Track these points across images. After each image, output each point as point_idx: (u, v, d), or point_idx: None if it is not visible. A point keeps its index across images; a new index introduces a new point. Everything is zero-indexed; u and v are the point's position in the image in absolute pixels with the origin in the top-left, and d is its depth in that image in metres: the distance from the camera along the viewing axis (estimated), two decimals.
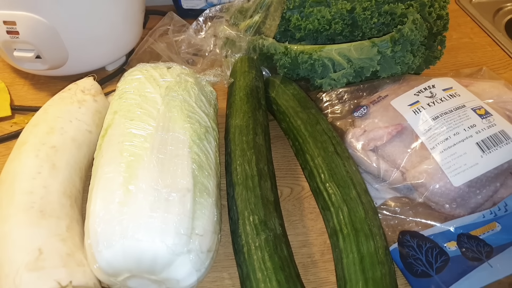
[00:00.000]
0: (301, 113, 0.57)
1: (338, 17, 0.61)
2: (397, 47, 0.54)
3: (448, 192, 0.47)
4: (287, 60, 0.61)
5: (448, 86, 0.53)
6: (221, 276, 0.47)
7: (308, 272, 0.47)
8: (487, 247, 0.45)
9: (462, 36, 0.85)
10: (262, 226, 0.44)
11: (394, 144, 0.52)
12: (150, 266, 0.37)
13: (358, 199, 0.46)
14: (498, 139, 0.46)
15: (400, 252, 0.47)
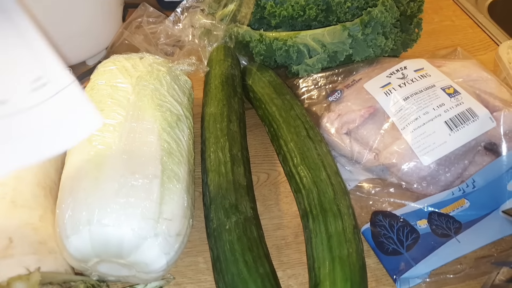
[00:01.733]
0: (276, 100, 0.57)
1: (312, 2, 0.61)
2: (368, 29, 0.54)
3: (418, 171, 0.48)
4: (262, 47, 0.61)
5: (419, 67, 0.53)
6: (196, 260, 0.48)
7: (281, 254, 0.48)
8: (456, 224, 0.46)
9: (443, 19, 0.84)
10: (233, 209, 0.44)
11: (366, 127, 0.52)
12: (117, 250, 0.38)
13: (328, 180, 0.46)
14: (465, 117, 0.46)
15: (372, 232, 0.47)
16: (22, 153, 0.35)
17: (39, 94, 0.38)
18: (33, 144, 0.36)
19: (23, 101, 0.38)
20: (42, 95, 0.38)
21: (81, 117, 0.37)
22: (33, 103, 0.38)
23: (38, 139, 0.36)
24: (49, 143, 0.36)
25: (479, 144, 0.47)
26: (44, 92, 0.38)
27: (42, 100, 0.38)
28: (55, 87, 0.38)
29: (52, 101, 0.38)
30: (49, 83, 0.38)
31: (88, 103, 0.38)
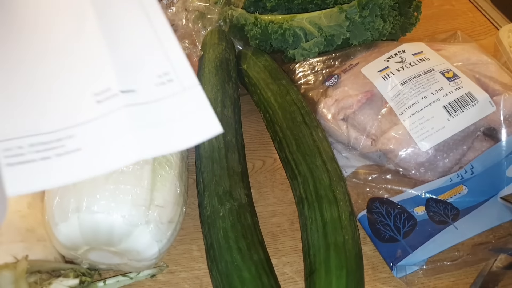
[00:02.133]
0: (272, 85, 0.56)
1: None
2: (365, 11, 0.53)
3: (416, 157, 0.47)
4: (257, 31, 0.60)
5: (418, 51, 0.52)
6: (190, 248, 0.47)
7: (277, 241, 0.47)
8: (454, 210, 0.45)
9: (443, 2, 0.83)
10: (227, 196, 0.43)
11: (364, 112, 0.51)
12: (107, 238, 0.37)
13: (324, 166, 0.45)
14: (465, 101, 0.45)
15: (368, 219, 0.47)
16: (141, 144, 0.35)
17: (164, 89, 0.38)
18: (150, 138, 0.36)
19: (149, 94, 0.38)
20: (167, 91, 0.38)
21: (200, 121, 0.37)
22: (157, 97, 0.38)
23: (155, 134, 0.36)
24: (164, 140, 0.36)
25: (478, 129, 0.46)
26: (169, 89, 0.38)
27: (166, 96, 0.38)
28: (180, 86, 0.38)
29: (175, 99, 0.38)
30: (175, 80, 0.39)
31: (209, 108, 0.37)
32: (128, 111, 0.37)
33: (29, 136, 0.36)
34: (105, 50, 0.40)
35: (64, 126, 0.36)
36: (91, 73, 0.39)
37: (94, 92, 0.38)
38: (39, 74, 0.39)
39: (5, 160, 0.34)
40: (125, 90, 0.38)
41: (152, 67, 0.40)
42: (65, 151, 0.35)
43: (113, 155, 0.35)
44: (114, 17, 0.43)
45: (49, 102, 0.38)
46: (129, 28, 0.42)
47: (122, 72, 0.39)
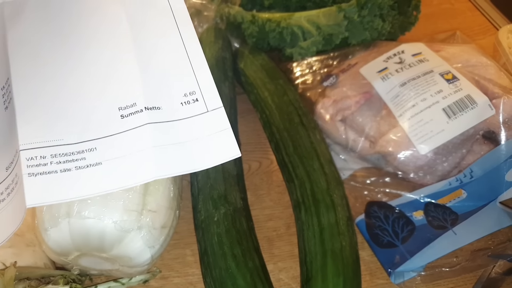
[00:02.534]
0: (269, 84, 0.55)
1: None
2: (364, 11, 0.52)
3: (415, 160, 0.46)
4: (254, 29, 0.59)
5: (417, 51, 0.51)
6: (184, 253, 0.46)
7: (273, 246, 0.46)
8: (453, 215, 0.44)
9: (442, 1, 0.82)
10: (222, 200, 0.42)
11: (362, 113, 0.50)
12: (98, 244, 0.36)
13: (321, 170, 0.44)
14: (464, 104, 0.44)
15: (366, 223, 0.46)
16: (160, 163, 0.36)
17: (188, 109, 0.39)
18: (169, 158, 0.36)
19: (173, 112, 0.39)
20: (191, 111, 0.39)
21: (220, 144, 0.38)
22: (181, 116, 0.38)
23: (175, 154, 0.37)
24: (183, 161, 0.37)
25: (477, 132, 0.45)
26: (193, 109, 0.39)
27: (189, 115, 0.39)
28: (204, 106, 0.39)
29: (198, 120, 0.38)
30: (200, 101, 0.39)
31: (230, 132, 0.38)
32: (150, 129, 0.37)
33: (53, 146, 0.36)
34: (136, 65, 0.41)
35: (87, 138, 0.37)
36: (119, 86, 0.40)
37: (120, 106, 0.39)
38: (70, 84, 0.39)
39: (27, 170, 0.35)
40: (150, 107, 0.39)
41: (180, 85, 0.40)
42: (86, 164, 0.36)
43: (132, 172, 0.36)
44: (149, 34, 0.43)
45: (76, 112, 0.38)
46: (162, 46, 0.42)
47: (150, 88, 0.40)
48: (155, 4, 0.44)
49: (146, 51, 0.42)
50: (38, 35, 0.41)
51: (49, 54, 0.41)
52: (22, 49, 0.40)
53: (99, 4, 0.44)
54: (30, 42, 0.41)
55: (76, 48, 0.41)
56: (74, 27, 0.42)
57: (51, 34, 0.42)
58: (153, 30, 0.43)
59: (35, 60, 0.40)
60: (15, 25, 0.41)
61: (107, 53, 0.41)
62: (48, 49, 0.41)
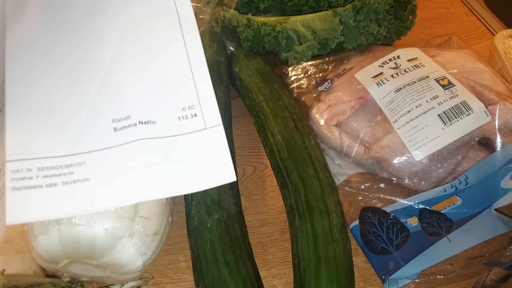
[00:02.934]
0: (264, 89, 0.55)
1: None
2: (360, 16, 0.51)
3: (410, 167, 0.46)
4: (250, 33, 0.58)
5: (413, 57, 0.51)
6: (177, 258, 0.45)
7: (266, 252, 0.46)
8: (448, 222, 0.44)
9: (438, 6, 0.82)
10: (215, 206, 0.42)
11: (357, 119, 0.50)
12: (89, 251, 0.35)
13: (316, 175, 0.44)
14: (460, 110, 0.44)
15: (360, 229, 0.46)
16: (152, 183, 0.34)
17: (185, 124, 0.37)
18: (161, 178, 0.34)
19: (169, 127, 0.37)
20: (188, 126, 0.37)
21: (216, 165, 0.36)
22: (177, 132, 0.36)
23: (167, 174, 0.35)
24: (175, 182, 0.35)
25: (473, 139, 0.45)
26: (191, 124, 0.37)
27: (186, 132, 0.37)
28: (202, 123, 0.37)
29: (195, 137, 0.36)
30: (199, 116, 0.37)
31: (227, 153, 0.36)
32: (143, 145, 0.36)
33: (40, 158, 0.34)
34: (135, 73, 0.39)
35: (77, 151, 0.35)
36: (115, 96, 0.38)
37: (113, 117, 0.37)
38: (64, 91, 0.38)
39: (11, 183, 0.33)
40: (145, 121, 0.37)
41: (179, 98, 0.38)
42: (73, 179, 0.34)
43: (120, 192, 0.34)
44: (151, 39, 0.41)
45: (68, 121, 0.36)
46: (163, 52, 0.40)
47: (147, 99, 0.38)
48: (160, 7, 0.43)
49: (147, 57, 0.40)
50: (36, 36, 0.40)
51: (45, 58, 0.39)
52: (19, 50, 0.39)
53: (102, 4, 0.42)
54: (27, 43, 0.39)
55: (74, 53, 0.40)
56: (74, 30, 0.41)
57: (50, 36, 0.40)
58: (156, 35, 0.42)
59: (30, 64, 0.38)
60: (15, 23, 0.39)
61: (106, 59, 0.39)
62: (45, 52, 0.39)
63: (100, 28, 0.41)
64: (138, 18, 0.42)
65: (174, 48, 0.41)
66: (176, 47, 0.41)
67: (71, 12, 0.42)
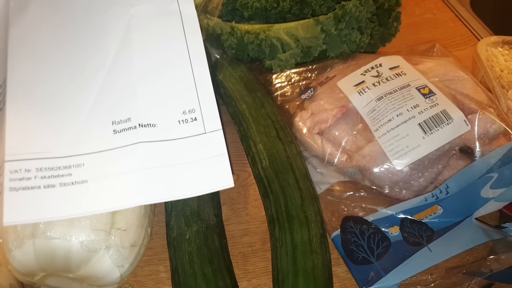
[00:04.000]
0: (247, 97, 0.55)
1: None
2: (341, 24, 0.51)
3: (391, 176, 0.45)
4: (233, 41, 0.58)
5: (395, 65, 0.51)
6: (157, 269, 0.45)
7: (247, 262, 0.46)
8: (429, 231, 0.44)
9: (425, 11, 0.82)
10: (194, 217, 0.42)
11: (339, 127, 0.50)
12: (64, 264, 0.35)
13: (296, 185, 0.44)
14: (440, 120, 0.44)
15: (342, 239, 0.45)
16: (149, 188, 0.34)
17: (185, 128, 0.37)
18: (159, 182, 0.34)
19: (169, 131, 0.36)
20: (188, 130, 0.37)
21: (214, 170, 0.35)
22: (177, 136, 0.36)
23: (165, 178, 0.35)
24: (173, 186, 0.34)
25: (453, 148, 0.45)
26: (191, 128, 0.37)
27: (185, 135, 0.37)
28: (202, 127, 0.37)
29: (194, 142, 0.36)
30: (199, 120, 0.37)
31: (226, 159, 0.36)
32: (142, 149, 0.35)
33: (40, 158, 0.34)
34: (136, 74, 0.38)
35: (76, 152, 0.35)
36: (116, 97, 0.38)
37: (114, 119, 0.37)
38: (66, 90, 0.37)
39: (9, 184, 0.33)
40: (145, 124, 0.36)
41: (179, 101, 0.38)
42: (71, 181, 0.34)
43: (117, 195, 0.34)
44: (153, 40, 0.41)
45: (68, 121, 0.36)
46: (165, 54, 0.40)
47: (148, 101, 0.38)
48: (164, 8, 0.43)
49: (149, 59, 0.40)
50: (39, 35, 0.40)
51: (47, 57, 0.39)
52: (21, 49, 0.38)
53: (105, 4, 0.42)
54: (29, 42, 0.39)
55: (76, 53, 0.40)
56: (76, 30, 0.41)
57: (52, 35, 0.40)
58: (158, 36, 0.41)
59: (32, 63, 0.38)
60: (18, 20, 0.39)
61: (107, 59, 0.39)
62: (47, 51, 0.39)
63: (103, 28, 0.41)
64: (141, 19, 0.42)
65: (176, 50, 0.41)
66: (178, 49, 0.41)
67: (74, 12, 0.42)
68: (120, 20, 0.42)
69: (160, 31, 0.42)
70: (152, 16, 0.43)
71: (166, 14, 0.43)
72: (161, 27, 0.42)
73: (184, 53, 0.41)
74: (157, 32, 0.42)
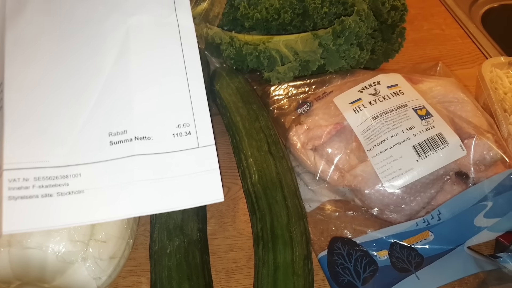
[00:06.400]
0: (242, 109, 0.54)
1: (287, 5, 0.57)
2: (340, 40, 0.50)
3: (382, 198, 0.44)
4: (232, 51, 0.58)
5: (393, 83, 0.50)
6: (139, 280, 0.44)
7: (230, 279, 0.45)
8: (418, 258, 0.43)
9: (433, 27, 0.80)
10: (177, 231, 0.41)
11: (333, 144, 0.49)
12: (39, 274, 0.35)
13: (284, 203, 0.43)
14: (435, 143, 0.43)
15: (328, 260, 0.44)
16: (144, 199, 0.35)
17: (179, 141, 0.37)
18: (153, 194, 0.35)
19: (164, 144, 0.37)
20: (182, 144, 0.37)
21: (205, 184, 0.36)
22: (171, 149, 0.37)
23: (159, 190, 0.35)
24: (166, 198, 0.35)
25: (447, 173, 0.43)
26: (185, 142, 0.37)
27: (179, 149, 0.37)
28: (196, 141, 0.38)
29: (188, 156, 0.37)
30: (193, 134, 0.38)
31: (217, 173, 0.37)
32: (137, 161, 0.36)
33: (37, 168, 0.35)
34: (133, 86, 0.39)
35: (73, 162, 0.35)
36: (112, 108, 0.38)
37: (110, 131, 0.37)
38: (62, 98, 0.38)
39: (8, 192, 0.33)
40: (141, 137, 0.37)
41: (174, 114, 0.39)
42: (68, 190, 0.34)
43: (113, 206, 0.34)
44: (150, 51, 0.41)
45: (65, 130, 0.37)
46: (162, 67, 0.41)
47: (144, 114, 0.38)
48: (162, 19, 0.43)
49: (145, 70, 0.40)
50: (36, 39, 0.40)
51: (44, 62, 0.39)
52: (18, 53, 0.39)
53: (103, 12, 0.42)
54: (26, 46, 0.39)
55: (73, 60, 0.40)
56: (74, 36, 0.41)
57: (49, 40, 0.40)
58: (156, 48, 0.42)
59: (29, 68, 0.38)
60: (15, 23, 0.39)
61: (105, 69, 0.39)
62: (44, 57, 0.39)
63: (101, 37, 0.41)
64: (139, 29, 0.42)
65: (173, 63, 0.41)
66: (175, 62, 0.41)
67: (72, 17, 0.42)
68: (119, 30, 0.42)
69: (158, 43, 0.42)
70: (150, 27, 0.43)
71: (164, 25, 0.43)
72: (158, 38, 0.42)
73: (181, 66, 0.41)
74: (154, 44, 0.42)
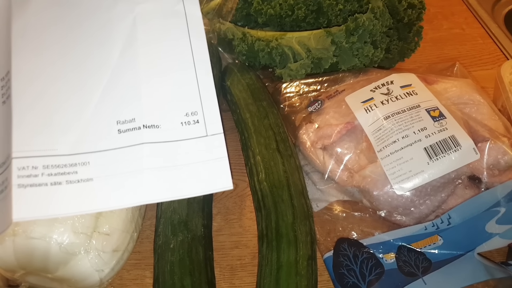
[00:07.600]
0: (252, 106, 0.53)
1: (301, 2, 0.56)
2: (353, 37, 0.49)
3: (391, 200, 0.43)
4: (244, 47, 0.57)
5: (407, 83, 0.49)
6: (143, 274, 0.45)
7: (234, 276, 0.45)
8: (426, 262, 0.41)
9: (453, 26, 0.78)
10: (181, 226, 0.41)
11: (343, 144, 0.48)
12: (43, 265, 0.35)
13: (290, 202, 0.43)
14: (447, 145, 0.42)
15: (333, 261, 0.44)
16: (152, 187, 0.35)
17: (188, 130, 0.37)
18: (161, 182, 0.35)
19: (172, 132, 0.37)
20: (190, 132, 0.37)
21: (214, 172, 0.36)
22: (179, 137, 0.37)
23: (168, 178, 0.35)
24: (174, 186, 0.35)
25: (459, 176, 0.42)
26: (193, 130, 0.38)
27: (188, 137, 0.37)
28: (204, 130, 0.38)
29: (196, 144, 0.37)
30: (201, 123, 0.38)
31: (226, 162, 0.37)
32: (146, 149, 0.36)
33: (46, 156, 0.35)
34: (141, 75, 0.39)
35: (81, 150, 0.36)
36: (121, 97, 0.38)
37: (118, 119, 0.37)
38: (70, 87, 0.38)
39: (17, 180, 0.33)
40: (149, 125, 0.37)
41: (183, 103, 0.39)
42: (77, 178, 0.35)
43: (122, 194, 0.35)
44: (158, 41, 0.41)
45: (73, 119, 0.37)
46: (170, 56, 0.41)
47: (152, 102, 0.38)
48: (169, 8, 0.43)
49: (153, 59, 0.40)
50: (42, 29, 0.40)
51: (51, 52, 0.39)
52: (25, 42, 0.39)
53: (110, 1, 0.42)
54: (33, 36, 0.39)
55: (80, 49, 0.40)
56: (81, 25, 0.41)
57: (56, 30, 0.40)
58: (163, 37, 0.41)
59: (36, 57, 0.38)
60: (21, 13, 0.39)
61: (112, 57, 0.39)
62: (51, 46, 0.39)
63: (108, 26, 0.41)
64: (146, 18, 0.42)
65: (180, 51, 0.41)
66: (183, 50, 0.41)
67: (78, 6, 0.42)
68: (125, 18, 0.42)
69: (165, 31, 0.42)
70: (158, 15, 0.43)
71: (171, 14, 0.43)
72: (166, 27, 0.42)
73: (188, 54, 0.41)
74: (162, 32, 0.42)
